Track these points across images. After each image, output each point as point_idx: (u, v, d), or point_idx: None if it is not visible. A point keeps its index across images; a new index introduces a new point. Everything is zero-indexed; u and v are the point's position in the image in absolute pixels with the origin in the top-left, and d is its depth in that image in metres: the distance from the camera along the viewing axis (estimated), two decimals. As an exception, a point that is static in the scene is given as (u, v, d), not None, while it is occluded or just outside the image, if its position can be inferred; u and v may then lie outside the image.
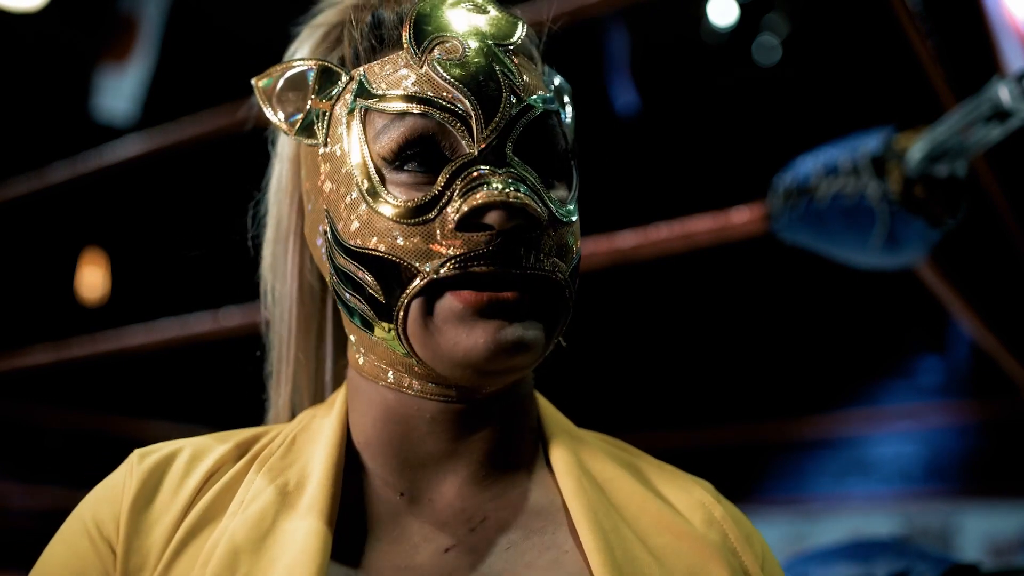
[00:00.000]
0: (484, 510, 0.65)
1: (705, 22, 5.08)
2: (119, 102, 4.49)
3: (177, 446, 0.68)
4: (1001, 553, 4.60)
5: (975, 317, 2.16)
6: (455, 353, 0.61)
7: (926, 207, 1.28)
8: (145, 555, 0.61)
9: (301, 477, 0.65)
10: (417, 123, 0.63)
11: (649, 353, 5.87)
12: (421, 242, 0.61)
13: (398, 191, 0.63)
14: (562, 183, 0.67)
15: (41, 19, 4.49)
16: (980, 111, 1.18)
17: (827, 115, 3.45)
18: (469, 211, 0.60)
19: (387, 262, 0.62)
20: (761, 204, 1.51)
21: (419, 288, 0.61)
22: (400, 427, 0.67)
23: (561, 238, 0.64)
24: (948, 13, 2.22)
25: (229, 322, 1.98)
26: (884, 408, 5.35)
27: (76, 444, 5.00)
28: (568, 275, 0.64)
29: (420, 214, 0.61)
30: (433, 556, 0.63)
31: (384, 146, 0.63)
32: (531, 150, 0.64)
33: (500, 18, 0.66)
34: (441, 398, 0.65)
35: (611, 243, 1.64)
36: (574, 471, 0.66)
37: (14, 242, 5.06)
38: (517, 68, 0.64)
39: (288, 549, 0.59)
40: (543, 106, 0.65)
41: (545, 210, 0.62)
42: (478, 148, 0.62)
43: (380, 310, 0.63)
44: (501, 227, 0.59)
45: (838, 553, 1.19)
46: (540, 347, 0.63)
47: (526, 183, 0.61)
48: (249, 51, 4.77)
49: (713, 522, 0.67)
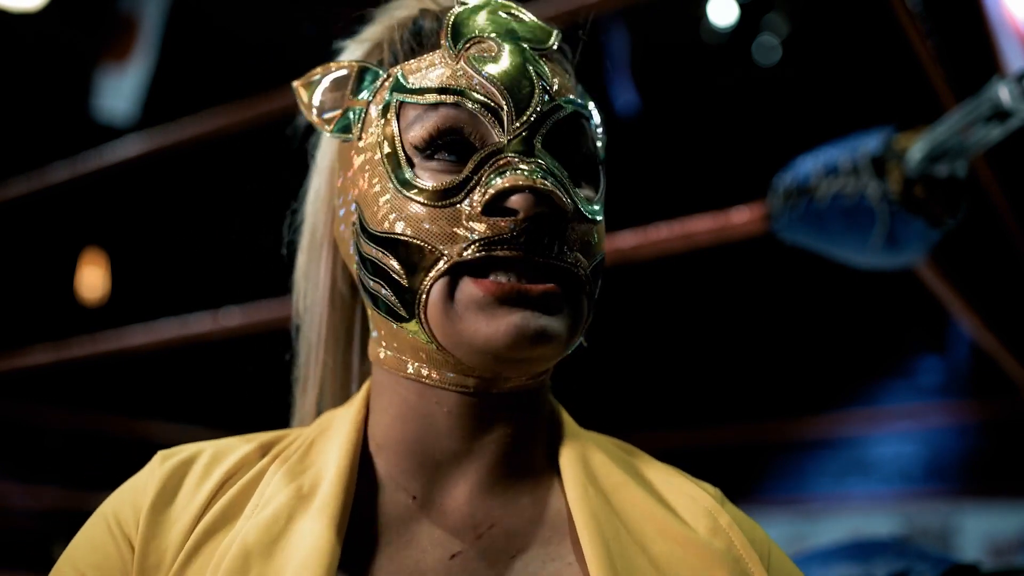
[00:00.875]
0: (492, 517, 0.66)
1: (705, 22, 5.08)
2: (119, 102, 4.49)
3: (199, 448, 0.69)
4: (1001, 553, 4.60)
5: (975, 317, 2.16)
6: (475, 340, 0.61)
7: (926, 207, 1.28)
8: (162, 554, 0.63)
9: (315, 480, 0.65)
10: (449, 113, 0.64)
11: (649, 353, 5.87)
12: (447, 225, 0.62)
13: (427, 176, 0.64)
14: (589, 184, 0.68)
15: (41, 19, 4.49)
16: (980, 111, 1.18)
17: (827, 115, 3.45)
18: (495, 194, 0.61)
19: (412, 246, 0.63)
20: (761, 204, 1.51)
21: (442, 271, 0.62)
22: (418, 423, 0.67)
23: (586, 234, 0.65)
24: (948, 13, 2.22)
25: (229, 322, 1.98)
26: (884, 408, 5.35)
27: (76, 444, 5.00)
28: (590, 272, 0.65)
29: (447, 197, 0.62)
30: (440, 562, 0.63)
31: (416, 135, 0.65)
32: (560, 148, 0.65)
33: (536, 25, 0.69)
34: (460, 388, 0.66)
35: (611, 243, 1.64)
36: (581, 478, 0.67)
37: (14, 242, 5.06)
38: (550, 71, 0.66)
39: (298, 553, 0.60)
40: (573, 108, 0.66)
41: (571, 202, 0.63)
42: (507, 138, 0.63)
43: (403, 294, 0.64)
44: (526, 213, 0.60)
45: (838, 553, 1.19)
46: (563, 340, 0.63)
47: (553, 174, 0.62)
48: (249, 51, 4.78)
49: (719, 530, 0.67)
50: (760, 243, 1.61)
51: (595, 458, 0.70)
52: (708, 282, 5.46)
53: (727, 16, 5.03)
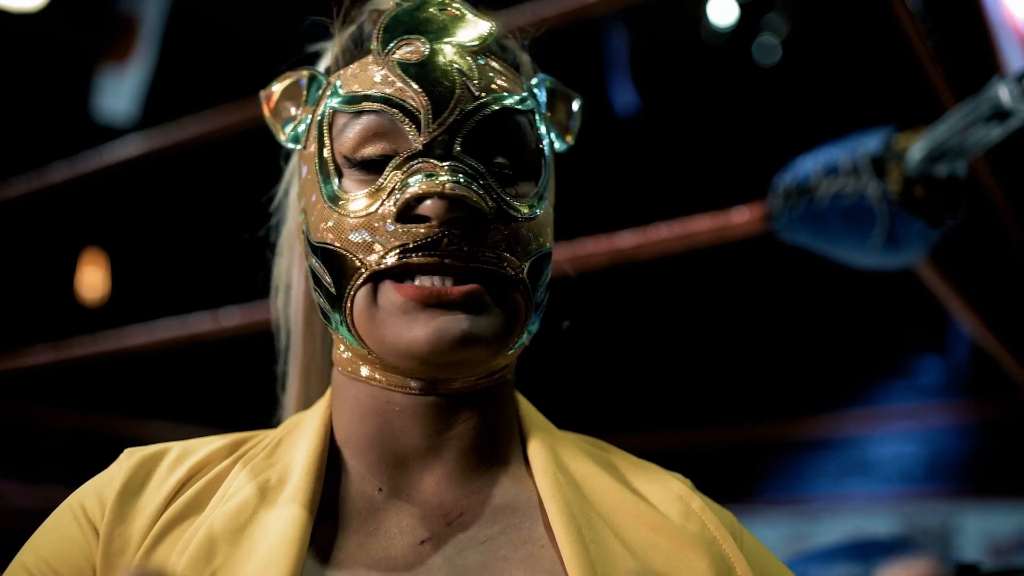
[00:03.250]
0: (461, 505, 0.66)
1: (705, 22, 5.08)
2: (119, 102, 4.49)
3: (167, 445, 0.70)
4: (1001, 553, 4.60)
5: (975, 317, 2.16)
6: (399, 345, 0.62)
7: (926, 207, 1.28)
8: (127, 541, 0.63)
9: (283, 474, 0.66)
10: (372, 120, 0.65)
11: (649, 353, 5.86)
12: (367, 235, 0.63)
13: (351, 186, 0.65)
14: (527, 180, 0.68)
15: (41, 19, 4.48)
16: (980, 111, 1.18)
17: (827, 115, 3.45)
18: (407, 201, 0.61)
19: (337, 255, 0.64)
20: (761, 204, 1.51)
21: (362, 280, 0.63)
22: (376, 421, 0.68)
23: (514, 233, 0.64)
24: (948, 13, 2.22)
25: (229, 322, 1.98)
26: (884, 408, 5.35)
27: (76, 444, 5.00)
28: (525, 271, 0.65)
29: (365, 207, 0.63)
30: (409, 547, 0.64)
31: (344, 143, 0.66)
32: (486, 148, 0.65)
33: (471, 21, 0.68)
34: (405, 390, 0.66)
35: (611, 243, 1.64)
36: (550, 468, 0.67)
37: (14, 242, 5.06)
38: (480, 68, 0.66)
39: (265, 540, 0.60)
40: (502, 105, 0.65)
41: (492, 204, 0.63)
42: (423, 143, 0.63)
43: (333, 302, 0.65)
44: (440, 219, 0.61)
45: (838, 553, 1.19)
46: (494, 340, 0.63)
47: (471, 176, 0.62)
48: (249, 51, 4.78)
49: (691, 514, 0.67)
50: (760, 243, 1.61)
51: (564, 450, 0.70)
52: (708, 282, 5.46)
53: (727, 16, 5.03)
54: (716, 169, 5.08)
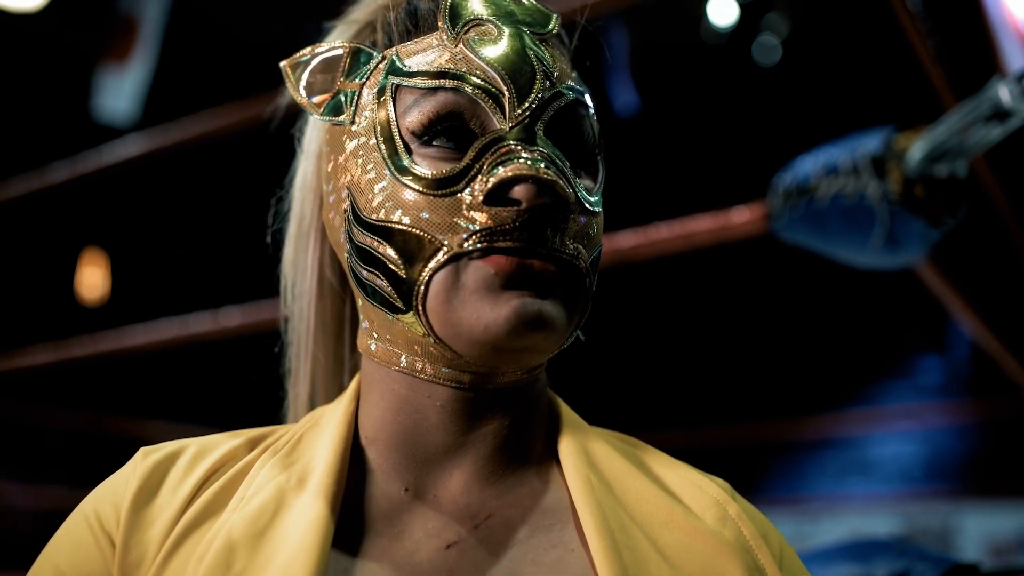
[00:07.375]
0: (490, 507, 0.64)
1: (705, 22, 5.08)
2: (119, 102, 4.49)
3: (184, 443, 0.67)
4: (1001, 553, 4.60)
5: (975, 317, 2.16)
6: (476, 327, 0.60)
7: (926, 207, 1.28)
8: (144, 550, 0.61)
9: (304, 473, 0.64)
10: (448, 98, 0.62)
11: (649, 353, 5.86)
12: (447, 215, 0.60)
13: (425, 164, 0.62)
14: (589, 175, 0.67)
15: (41, 19, 4.49)
16: (980, 111, 1.18)
17: (827, 115, 3.45)
18: (498, 183, 0.59)
19: (410, 235, 0.61)
20: (761, 204, 1.51)
21: (442, 262, 0.60)
22: (410, 417, 0.65)
23: (586, 226, 0.64)
24: (948, 13, 2.22)
25: (229, 322, 1.98)
26: (884, 408, 5.35)
27: (76, 444, 5.00)
28: (589, 264, 0.64)
29: (447, 186, 0.61)
30: (436, 552, 0.62)
31: (413, 120, 0.63)
32: (561, 137, 0.64)
33: (535, 8, 0.67)
34: (454, 384, 0.64)
35: (611, 243, 1.64)
36: (582, 468, 0.65)
37: (14, 242, 5.06)
38: (550, 56, 0.65)
39: (286, 546, 0.58)
40: (574, 95, 0.65)
41: (573, 193, 0.62)
42: (509, 126, 0.61)
43: (400, 285, 0.62)
44: (529, 203, 0.59)
45: (838, 553, 1.19)
46: (560, 328, 0.62)
47: (555, 164, 0.61)
48: (249, 51, 4.77)
49: (727, 520, 0.65)
50: (760, 243, 1.61)
51: (597, 449, 0.68)
52: (708, 282, 5.46)
53: (727, 16, 5.03)
54: (716, 169, 5.08)
